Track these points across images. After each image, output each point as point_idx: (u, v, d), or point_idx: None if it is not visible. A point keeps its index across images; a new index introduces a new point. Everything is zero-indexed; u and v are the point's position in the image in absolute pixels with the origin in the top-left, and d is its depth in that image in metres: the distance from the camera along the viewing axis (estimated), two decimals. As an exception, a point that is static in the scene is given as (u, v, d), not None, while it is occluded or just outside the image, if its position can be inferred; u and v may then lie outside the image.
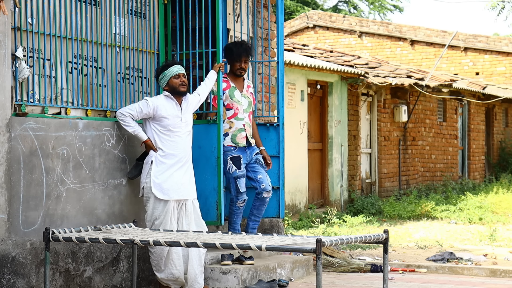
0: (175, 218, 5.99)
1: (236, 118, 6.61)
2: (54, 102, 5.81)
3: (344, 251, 8.75)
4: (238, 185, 6.54)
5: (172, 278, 6.00)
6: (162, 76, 6.07)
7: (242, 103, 6.64)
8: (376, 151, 15.09)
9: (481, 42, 21.81)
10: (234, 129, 6.60)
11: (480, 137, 19.95)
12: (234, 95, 6.60)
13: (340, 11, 31.60)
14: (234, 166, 6.54)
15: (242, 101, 6.65)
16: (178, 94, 6.06)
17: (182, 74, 6.07)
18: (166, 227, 5.86)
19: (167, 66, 6.09)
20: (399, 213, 13.00)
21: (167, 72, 6.04)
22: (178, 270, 5.98)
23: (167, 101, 6.05)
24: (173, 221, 5.95)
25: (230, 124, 6.60)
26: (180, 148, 6.03)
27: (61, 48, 5.85)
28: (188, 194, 6.05)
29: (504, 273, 7.87)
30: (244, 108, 6.66)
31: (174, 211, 5.99)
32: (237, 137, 6.60)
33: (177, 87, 6.03)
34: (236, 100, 6.60)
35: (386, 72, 15.69)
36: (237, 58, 6.60)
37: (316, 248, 4.47)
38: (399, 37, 22.09)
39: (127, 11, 6.47)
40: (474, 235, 10.53)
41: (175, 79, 6.03)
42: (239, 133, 6.60)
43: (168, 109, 6.01)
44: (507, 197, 14.46)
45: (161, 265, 5.97)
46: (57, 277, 5.67)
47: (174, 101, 6.05)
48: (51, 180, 5.60)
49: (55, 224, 5.59)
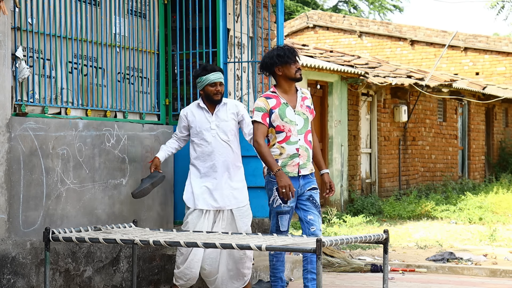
0: (208, 225, 5.89)
1: (288, 143, 5.46)
2: (54, 102, 5.81)
3: (344, 251, 8.75)
4: (280, 222, 5.45)
5: (182, 277, 5.98)
6: (199, 80, 5.95)
7: (297, 123, 5.47)
8: (376, 151, 15.09)
9: (481, 42, 21.81)
10: (285, 155, 5.46)
11: (480, 137, 19.95)
12: (286, 114, 5.46)
13: (340, 11, 31.60)
14: (279, 200, 5.44)
15: (296, 120, 5.48)
16: (211, 102, 5.96)
17: (218, 83, 5.90)
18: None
19: (206, 71, 5.92)
20: (399, 213, 13.00)
21: (204, 78, 5.91)
22: (191, 272, 5.94)
23: (198, 109, 5.99)
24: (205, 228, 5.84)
25: (281, 149, 5.46)
26: (210, 156, 5.91)
27: (61, 48, 5.85)
28: (219, 204, 5.90)
29: (504, 273, 7.87)
30: (299, 129, 5.47)
31: (204, 219, 5.92)
32: (287, 166, 5.45)
33: (211, 96, 5.91)
34: (288, 121, 5.45)
35: (386, 72, 15.69)
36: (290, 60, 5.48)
37: (316, 248, 4.47)
38: (399, 37, 22.09)
39: (127, 11, 6.47)
40: (474, 235, 10.53)
41: (210, 87, 5.90)
42: (291, 160, 5.45)
43: (196, 116, 5.96)
44: (507, 197, 14.46)
45: (179, 262, 5.98)
46: (57, 277, 5.67)
47: (205, 109, 5.96)
48: (51, 180, 5.60)
49: (55, 224, 5.59)
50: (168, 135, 6.70)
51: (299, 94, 5.56)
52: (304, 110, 5.52)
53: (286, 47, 5.54)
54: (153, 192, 6.40)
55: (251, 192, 6.20)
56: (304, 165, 5.47)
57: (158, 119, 6.80)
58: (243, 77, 7.67)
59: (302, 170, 5.47)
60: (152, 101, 6.74)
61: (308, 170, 5.49)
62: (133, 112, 6.53)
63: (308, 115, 5.54)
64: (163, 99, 6.82)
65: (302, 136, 5.47)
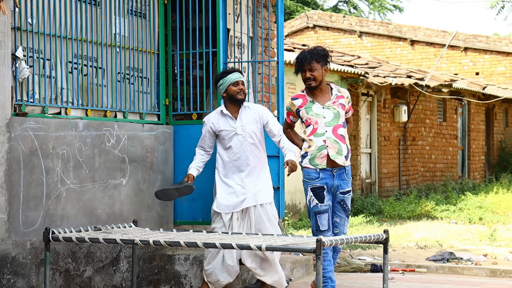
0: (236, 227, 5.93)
1: (315, 135, 5.52)
2: (54, 102, 5.81)
3: (344, 251, 8.75)
4: (319, 222, 5.47)
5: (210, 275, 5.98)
6: (221, 83, 5.99)
7: (324, 116, 5.54)
8: (376, 151, 15.09)
9: (481, 42, 21.81)
10: (313, 148, 5.50)
11: (480, 137, 19.95)
12: (312, 109, 5.55)
13: (340, 11, 31.59)
14: (315, 199, 5.48)
15: (324, 113, 5.54)
16: (235, 102, 6.00)
17: (241, 81, 5.98)
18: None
19: (226, 73, 6.01)
20: (399, 213, 13.00)
21: (226, 79, 5.97)
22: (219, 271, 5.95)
23: (221, 116, 6.03)
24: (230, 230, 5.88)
25: (310, 142, 5.54)
26: (238, 161, 5.98)
27: (61, 48, 5.84)
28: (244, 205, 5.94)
29: (504, 273, 7.87)
30: (327, 122, 5.52)
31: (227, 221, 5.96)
32: (316, 158, 5.50)
33: (235, 95, 5.97)
34: (313, 114, 5.54)
35: (386, 72, 15.69)
36: (299, 68, 5.61)
37: (316, 248, 4.47)
38: (399, 37, 22.09)
39: (127, 11, 6.47)
40: (474, 235, 10.53)
41: (233, 87, 5.97)
42: (319, 152, 5.49)
43: (221, 123, 6.02)
44: (507, 197, 14.46)
45: (207, 257, 6.00)
46: (57, 277, 5.67)
47: (229, 116, 6.01)
48: (51, 180, 5.60)
49: (55, 224, 5.59)
50: (168, 135, 6.71)
51: (334, 93, 5.62)
52: (336, 106, 5.56)
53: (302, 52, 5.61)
54: (153, 192, 6.40)
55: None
56: (335, 156, 5.47)
57: (158, 119, 6.80)
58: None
59: (336, 160, 5.47)
60: (152, 101, 6.74)
61: (341, 161, 5.48)
62: (133, 112, 6.53)
63: (340, 111, 5.56)
64: (163, 99, 6.82)
65: (330, 129, 5.49)
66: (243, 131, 6.00)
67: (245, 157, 5.99)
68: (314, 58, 5.54)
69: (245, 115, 6.04)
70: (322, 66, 5.56)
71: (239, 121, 6.01)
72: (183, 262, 6.49)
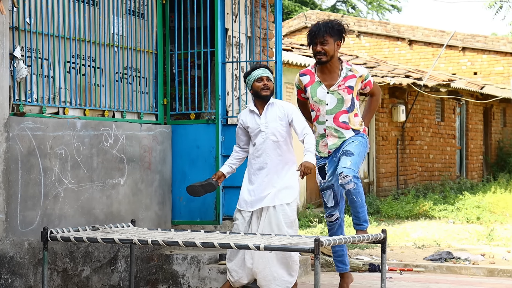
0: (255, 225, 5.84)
1: (317, 122, 5.58)
2: (52, 102, 5.81)
3: (342, 250, 8.75)
4: (325, 199, 5.66)
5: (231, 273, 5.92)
6: (247, 80, 5.93)
7: (327, 103, 5.43)
8: (374, 151, 15.10)
9: (479, 42, 21.83)
10: (317, 134, 5.61)
11: (478, 137, 19.97)
12: (316, 93, 5.45)
13: (338, 11, 31.60)
14: (319, 176, 5.64)
15: (327, 100, 5.43)
16: (260, 98, 5.88)
17: (265, 77, 5.83)
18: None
19: (252, 70, 5.92)
20: (397, 213, 13.01)
21: (251, 76, 5.88)
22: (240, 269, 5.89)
23: (249, 113, 5.96)
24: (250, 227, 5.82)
25: (314, 128, 5.63)
26: (260, 158, 5.87)
27: (59, 47, 5.84)
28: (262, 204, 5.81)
29: (502, 273, 7.88)
30: (328, 109, 5.43)
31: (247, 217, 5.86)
32: (319, 145, 5.62)
33: (259, 91, 5.84)
34: (317, 100, 5.46)
35: (384, 72, 15.70)
36: (311, 41, 5.38)
37: (314, 247, 4.48)
38: (397, 37, 22.10)
39: (125, 10, 6.47)
40: (472, 235, 10.54)
41: (257, 83, 5.85)
42: (321, 139, 5.57)
43: (249, 120, 5.94)
44: (504, 197, 14.48)
45: (228, 254, 5.95)
46: (55, 276, 5.67)
47: (255, 112, 5.92)
48: (49, 180, 5.59)
49: (53, 223, 5.59)
50: (166, 135, 6.71)
51: (343, 74, 5.40)
52: (341, 90, 5.36)
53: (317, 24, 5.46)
54: (150, 192, 6.40)
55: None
56: (334, 145, 5.46)
57: (156, 118, 6.79)
58: (241, 77, 7.67)
59: (332, 151, 5.47)
60: (150, 101, 6.74)
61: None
62: (131, 112, 6.53)
63: (345, 95, 5.36)
64: (161, 98, 6.82)
65: (331, 117, 5.37)
66: (266, 128, 5.85)
67: (266, 155, 5.83)
68: (328, 32, 5.34)
69: (270, 112, 5.87)
70: (335, 41, 5.35)
71: (263, 118, 5.86)
72: (181, 262, 6.49)
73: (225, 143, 6.73)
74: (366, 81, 5.50)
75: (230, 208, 6.74)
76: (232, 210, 6.79)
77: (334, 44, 5.37)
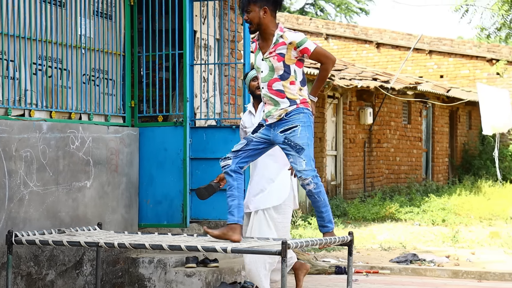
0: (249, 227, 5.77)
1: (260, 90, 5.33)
2: (17, 104, 5.74)
3: (309, 253, 8.79)
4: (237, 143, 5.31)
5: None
6: (246, 81, 5.94)
7: (262, 70, 5.19)
8: (342, 153, 15.19)
9: (446, 45, 22.08)
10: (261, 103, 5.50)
11: (444, 140, 20.20)
12: (256, 60, 5.25)
13: (307, 13, 31.73)
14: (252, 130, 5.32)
15: (262, 67, 5.19)
16: (256, 98, 5.86)
17: None
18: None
19: (250, 71, 5.90)
20: (363, 215, 13.10)
21: (248, 76, 5.91)
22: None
23: (248, 114, 5.95)
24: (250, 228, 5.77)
25: None
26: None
27: (25, 49, 5.78)
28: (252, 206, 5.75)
29: (466, 274, 7.98)
30: (262, 77, 5.19)
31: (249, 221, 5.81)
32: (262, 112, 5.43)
33: (254, 90, 5.86)
34: (257, 67, 5.25)
35: (352, 75, 15.80)
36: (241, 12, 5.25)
37: (282, 250, 4.49)
38: (365, 40, 22.26)
39: (93, 12, 6.42)
40: (437, 237, 10.66)
41: (253, 82, 5.88)
42: (263, 106, 5.30)
43: (246, 120, 5.94)
44: (469, 199, 14.67)
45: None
46: (19, 281, 5.61)
47: (252, 113, 5.90)
48: (13, 182, 5.53)
49: (18, 227, 5.53)
50: (133, 137, 6.67)
51: (274, 39, 5.16)
52: (272, 57, 5.15)
53: None
54: (117, 195, 6.36)
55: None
56: (269, 113, 5.18)
57: (124, 121, 6.76)
58: (209, 79, 7.66)
59: (268, 118, 5.19)
60: (118, 103, 6.70)
61: (275, 118, 5.16)
62: (98, 114, 6.48)
63: (275, 63, 5.13)
64: (129, 101, 6.78)
65: (265, 85, 5.17)
66: None
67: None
68: (251, 0, 5.12)
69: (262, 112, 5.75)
70: (261, 7, 5.13)
71: (257, 117, 5.81)
72: (147, 265, 6.46)
73: (192, 146, 6.72)
74: (301, 48, 5.18)
75: (198, 210, 6.73)
76: (200, 213, 6.79)
77: (258, 11, 5.13)
